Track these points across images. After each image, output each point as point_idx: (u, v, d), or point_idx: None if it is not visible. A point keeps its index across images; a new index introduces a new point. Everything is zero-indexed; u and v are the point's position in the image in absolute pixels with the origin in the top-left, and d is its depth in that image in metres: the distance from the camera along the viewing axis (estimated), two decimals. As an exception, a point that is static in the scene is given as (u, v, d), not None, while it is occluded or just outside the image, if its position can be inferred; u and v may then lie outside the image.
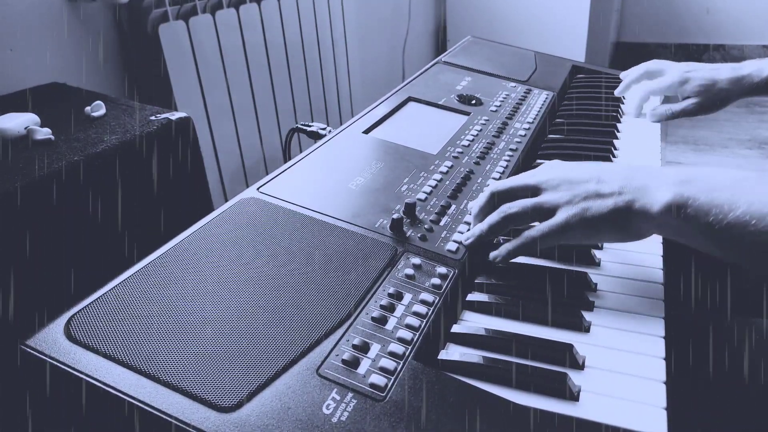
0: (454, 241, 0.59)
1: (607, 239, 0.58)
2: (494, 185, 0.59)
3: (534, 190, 0.57)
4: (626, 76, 1.00)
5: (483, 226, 0.58)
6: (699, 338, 0.59)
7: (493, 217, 0.57)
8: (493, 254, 0.57)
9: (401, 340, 0.46)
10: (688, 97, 0.90)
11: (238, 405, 0.39)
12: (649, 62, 0.97)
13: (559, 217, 0.54)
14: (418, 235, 0.59)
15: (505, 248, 0.57)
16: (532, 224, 0.56)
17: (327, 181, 0.67)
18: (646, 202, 0.50)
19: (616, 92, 1.01)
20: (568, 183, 0.55)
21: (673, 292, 0.57)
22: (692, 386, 0.52)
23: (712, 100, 0.88)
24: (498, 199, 0.58)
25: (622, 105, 1.02)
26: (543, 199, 0.55)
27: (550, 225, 0.54)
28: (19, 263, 0.66)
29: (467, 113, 0.89)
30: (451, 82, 1.00)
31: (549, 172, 0.58)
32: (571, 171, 0.56)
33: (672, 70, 0.92)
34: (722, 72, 0.87)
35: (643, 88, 0.96)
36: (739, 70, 0.86)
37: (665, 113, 0.93)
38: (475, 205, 0.60)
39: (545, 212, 0.55)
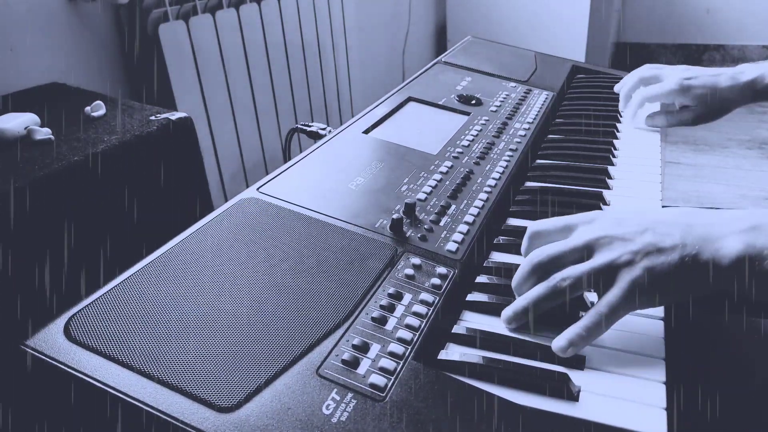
0: (454, 242, 0.59)
1: (675, 299, 0.49)
2: (535, 255, 0.51)
3: (583, 251, 0.49)
4: (621, 88, 0.95)
5: (527, 300, 0.49)
6: (699, 338, 0.58)
7: (541, 291, 0.49)
8: (557, 345, 0.47)
9: (401, 340, 0.46)
10: (686, 106, 0.87)
11: (238, 405, 0.39)
12: (642, 68, 0.93)
13: (623, 283, 0.46)
14: (418, 235, 0.59)
15: (570, 337, 0.47)
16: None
17: (327, 181, 0.67)
18: (713, 255, 0.45)
19: (620, 108, 0.96)
20: (620, 240, 0.48)
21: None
22: (692, 386, 0.52)
23: (712, 108, 0.85)
24: (542, 269, 0.50)
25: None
26: (597, 263, 0.48)
27: (618, 296, 0.46)
28: (19, 263, 0.66)
29: (467, 113, 0.89)
30: (451, 82, 1.00)
31: (595, 229, 0.50)
32: (620, 225, 0.50)
33: (669, 77, 0.88)
34: (723, 79, 0.84)
35: (638, 96, 0.90)
36: (741, 77, 0.83)
37: (663, 122, 0.90)
38: (515, 277, 0.52)
39: (603, 279, 0.48)
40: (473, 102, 0.93)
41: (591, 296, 0.55)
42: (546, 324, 0.51)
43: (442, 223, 0.62)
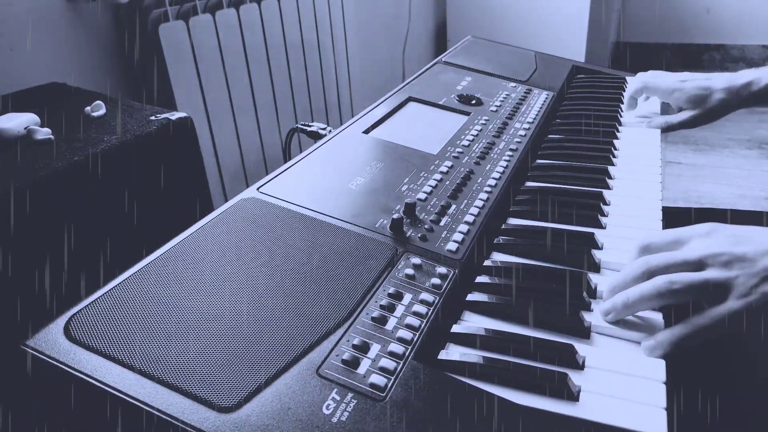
0: (455, 241, 0.59)
1: None
2: (650, 259, 0.50)
3: (696, 266, 0.48)
4: (625, 97, 0.99)
5: (629, 295, 0.49)
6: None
7: (648, 289, 0.48)
8: (647, 344, 0.48)
9: (401, 340, 0.46)
10: (683, 110, 0.88)
11: (239, 405, 0.39)
12: (640, 75, 0.95)
13: (734, 304, 0.45)
14: (418, 235, 0.59)
15: (665, 339, 0.47)
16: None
17: (327, 181, 0.67)
18: None
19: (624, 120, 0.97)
20: (739, 260, 0.47)
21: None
22: (692, 386, 0.52)
23: (708, 110, 0.86)
24: (653, 275, 0.49)
25: (621, 105, 1.02)
26: (714, 276, 0.47)
27: (724, 313, 0.45)
28: (19, 263, 0.66)
29: (467, 113, 0.89)
30: (451, 82, 1.00)
31: (712, 244, 0.49)
32: (739, 243, 0.48)
33: (666, 80, 0.90)
34: (717, 81, 0.85)
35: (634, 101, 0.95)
36: (737, 80, 0.84)
37: (662, 124, 0.91)
38: (621, 276, 0.51)
39: (714, 293, 0.46)
40: (473, 102, 0.93)
41: (595, 279, 0.55)
42: (547, 325, 0.51)
43: (442, 223, 0.62)
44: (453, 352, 0.48)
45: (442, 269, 0.55)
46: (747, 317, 0.45)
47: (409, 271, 0.54)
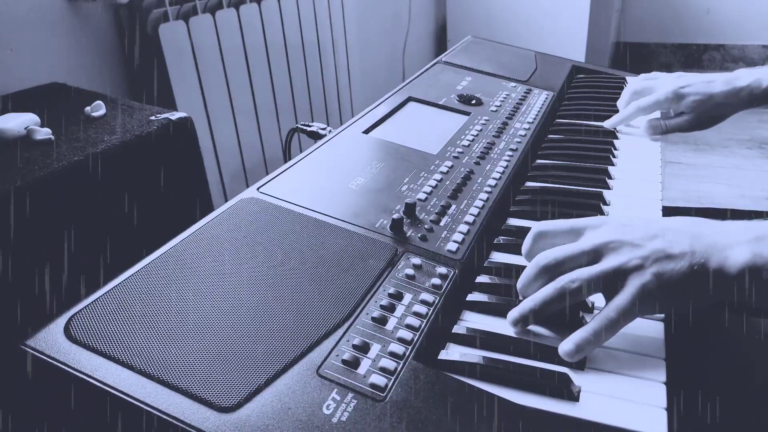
0: (455, 241, 0.59)
1: (680, 306, 0.49)
2: (542, 257, 0.50)
3: (591, 256, 0.49)
4: (619, 104, 0.94)
5: (535, 302, 0.49)
6: (699, 338, 0.58)
7: (549, 293, 0.48)
8: (564, 349, 0.46)
9: (401, 340, 0.46)
10: (682, 113, 0.86)
11: (239, 405, 0.39)
12: (634, 81, 0.91)
13: (633, 287, 0.46)
14: (419, 235, 0.59)
15: (578, 341, 0.46)
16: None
17: (327, 181, 0.67)
18: (721, 263, 0.45)
19: (611, 123, 0.91)
20: (630, 245, 0.48)
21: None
22: (692, 386, 0.52)
23: (707, 115, 0.84)
24: (549, 271, 0.50)
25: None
26: (606, 266, 0.48)
27: (626, 300, 0.46)
28: (19, 263, 0.66)
29: (467, 113, 0.89)
30: (451, 82, 1.00)
31: (604, 233, 0.50)
32: (629, 230, 0.50)
33: (662, 86, 0.87)
34: (717, 85, 0.83)
35: (631, 107, 0.89)
36: (736, 82, 0.82)
37: (659, 127, 0.89)
38: (521, 279, 0.51)
39: (611, 283, 0.47)
40: (473, 102, 0.93)
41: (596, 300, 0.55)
42: (548, 325, 0.51)
43: (442, 223, 0.62)
44: (453, 352, 0.48)
45: (442, 269, 0.55)
46: (648, 300, 0.46)
47: (409, 271, 0.54)
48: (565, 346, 0.46)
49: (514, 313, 0.50)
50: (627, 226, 0.50)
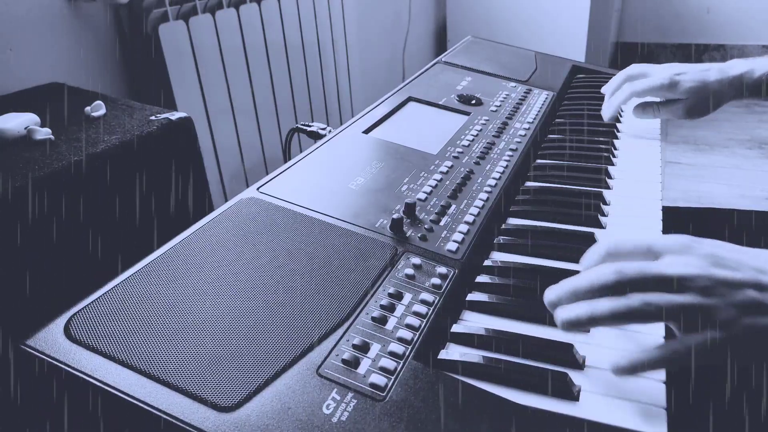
0: (454, 241, 0.59)
1: (760, 361, 0.45)
2: (625, 267, 0.45)
3: (672, 285, 0.44)
4: (608, 87, 0.92)
5: (601, 311, 0.44)
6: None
7: (620, 308, 0.43)
8: (616, 364, 0.44)
9: (401, 340, 0.46)
10: (676, 100, 0.86)
11: (239, 404, 0.39)
12: (629, 68, 0.91)
13: (715, 335, 0.42)
14: (418, 235, 0.59)
15: (635, 362, 0.44)
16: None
17: (327, 181, 0.67)
18: None
19: (603, 109, 0.92)
20: (720, 286, 0.43)
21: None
22: (692, 386, 0.52)
23: (702, 103, 0.84)
24: (624, 286, 0.44)
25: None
26: (689, 302, 0.42)
27: (704, 343, 0.42)
28: (19, 263, 0.66)
29: (467, 113, 0.89)
30: (451, 82, 1.00)
31: (690, 265, 0.44)
32: (718, 265, 0.44)
33: (658, 71, 0.86)
34: (712, 74, 0.83)
35: (626, 89, 0.87)
36: (729, 71, 0.83)
37: (651, 110, 0.88)
38: (591, 279, 0.46)
39: (692, 319, 0.43)
40: (473, 102, 0.93)
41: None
42: (547, 324, 0.51)
43: (442, 223, 0.62)
44: (453, 352, 0.48)
45: (442, 269, 0.55)
46: (730, 349, 0.42)
47: (409, 271, 0.54)
48: (621, 361, 0.44)
49: (569, 315, 0.45)
50: (716, 258, 0.45)
